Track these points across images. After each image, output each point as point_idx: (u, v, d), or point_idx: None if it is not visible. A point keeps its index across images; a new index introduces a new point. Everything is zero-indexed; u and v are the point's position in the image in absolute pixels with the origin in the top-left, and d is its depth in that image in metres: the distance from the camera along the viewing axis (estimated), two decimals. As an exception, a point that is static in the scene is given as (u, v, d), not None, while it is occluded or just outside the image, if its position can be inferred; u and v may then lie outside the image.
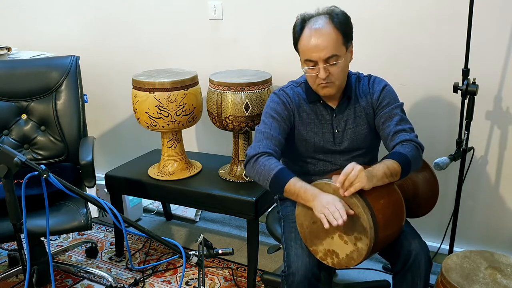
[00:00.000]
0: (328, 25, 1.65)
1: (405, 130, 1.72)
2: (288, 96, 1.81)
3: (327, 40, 1.63)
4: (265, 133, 1.74)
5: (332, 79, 1.69)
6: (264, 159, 1.67)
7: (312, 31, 1.65)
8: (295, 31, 1.72)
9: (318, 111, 1.81)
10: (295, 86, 1.85)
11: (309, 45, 1.65)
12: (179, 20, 2.79)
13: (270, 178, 1.64)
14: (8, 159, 1.32)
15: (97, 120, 3.24)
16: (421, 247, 1.66)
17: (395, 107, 1.77)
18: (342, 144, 1.81)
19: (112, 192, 2.61)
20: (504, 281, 1.64)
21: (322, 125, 1.81)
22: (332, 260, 1.62)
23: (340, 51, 1.66)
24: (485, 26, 2.04)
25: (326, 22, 1.65)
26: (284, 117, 1.78)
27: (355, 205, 1.51)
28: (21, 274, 2.45)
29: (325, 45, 1.63)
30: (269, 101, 1.83)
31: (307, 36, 1.66)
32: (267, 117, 1.78)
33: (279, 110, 1.78)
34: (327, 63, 1.65)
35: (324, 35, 1.64)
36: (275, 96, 1.82)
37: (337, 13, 1.67)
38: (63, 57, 2.56)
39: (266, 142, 1.72)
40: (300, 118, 1.81)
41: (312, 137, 1.81)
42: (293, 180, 1.61)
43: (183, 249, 1.52)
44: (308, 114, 1.81)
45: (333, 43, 1.64)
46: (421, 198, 1.93)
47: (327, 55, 1.64)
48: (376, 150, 1.93)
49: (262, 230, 2.56)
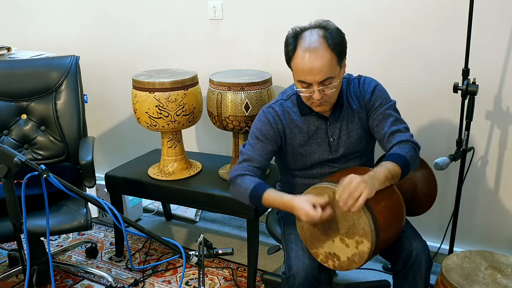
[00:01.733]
0: (322, 46, 1.58)
1: (401, 130, 1.71)
2: (276, 115, 1.77)
3: (321, 63, 1.57)
4: (245, 155, 1.77)
5: (326, 98, 1.66)
6: (239, 180, 1.72)
7: (306, 52, 1.58)
8: (287, 48, 1.65)
9: (312, 122, 1.77)
10: (284, 101, 1.80)
11: (304, 68, 1.60)
12: (179, 20, 2.79)
13: (248, 196, 1.69)
14: (8, 159, 1.32)
15: (97, 120, 3.24)
16: (422, 247, 1.67)
17: (388, 107, 1.74)
18: (338, 151, 1.79)
19: (112, 192, 2.61)
20: (504, 281, 1.64)
21: (316, 136, 1.78)
22: (333, 263, 1.62)
23: (335, 72, 1.61)
24: (485, 26, 2.04)
25: (320, 42, 1.58)
26: (269, 138, 1.76)
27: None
28: (21, 274, 2.45)
29: (320, 68, 1.57)
30: (256, 119, 1.82)
31: (301, 57, 1.60)
32: (252, 137, 1.79)
33: (264, 131, 1.77)
34: (322, 85, 1.61)
35: (318, 58, 1.57)
36: (262, 114, 1.80)
37: (331, 32, 1.60)
38: (63, 57, 2.56)
39: (244, 164, 1.76)
40: (292, 134, 1.78)
41: (307, 150, 1.79)
42: (267, 193, 1.66)
43: (183, 249, 1.52)
44: (301, 128, 1.78)
45: (328, 66, 1.58)
46: (421, 197, 1.93)
47: (322, 78, 1.59)
48: (372, 151, 1.92)
49: (262, 230, 2.56)
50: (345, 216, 1.54)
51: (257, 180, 1.71)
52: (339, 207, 1.52)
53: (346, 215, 1.53)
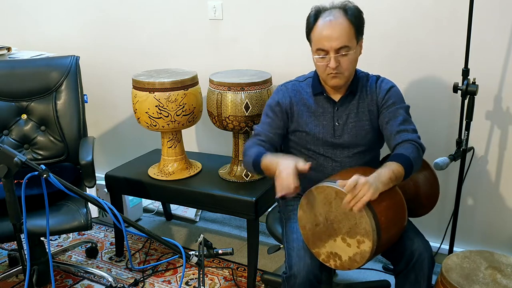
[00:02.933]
0: (342, 17, 1.69)
1: (408, 130, 1.72)
2: (287, 91, 1.88)
3: (340, 30, 1.68)
4: (256, 131, 1.91)
5: (341, 69, 1.72)
6: (247, 151, 1.85)
7: (326, 21, 1.70)
8: (308, 21, 1.75)
9: (320, 104, 1.84)
10: (299, 82, 1.91)
11: (322, 35, 1.69)
12: (179, 20, 2.79)
13: (251, 164, 1.79)
14: (8, 159, 1.32)
15: (97, 120, 3.24)
16: (424, 246, 1.67)
17: (400, 107, 1.78)
18: (341, 137, 1.81)
19: (112, 192, 2.61)
20: (504, 281, 1.64)
21: (323, 117, 1.83)
22: (335, 262, 1.62)
23: (352, 43, 1.70)
24: (485, 26, 2.04)
25: (340, 14, 1.70)
26: (276, 113, 1.87)
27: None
28: (21, 274, 2.45)
29: (338, 35, 1.67)
30: (270, 97, 1.95)
31: (321, 26, 1.70)
32: (264, 114, 1.92)
33: (273, 106, 1.88)
34: (338, 53, 1.69)
35: (337, 26, 1.68)
36: (275, 93, 1.92)
37: (351, 7, 1.72)
38: (63, 57, 2.56)
39: (254, 139, 1.88)
40: (299, 111, 1.85)
41: (312, 129, 1.83)
42: (264, 157, 1.75)
43: (183, 249, 1.52)
44: (309, 107, 1.84)
45: (345, 34, 1.68)
46: (422, 197, 1.93)
47: (339, 45, 1.67)
48: (377, 150, 1.92)
49: (262, 230, 2.56)
50: (346, 216, 1.54)
51: (261, 149, 1.81)
52: (340, 206, 1.52)
53: (348, 214, 1.53)
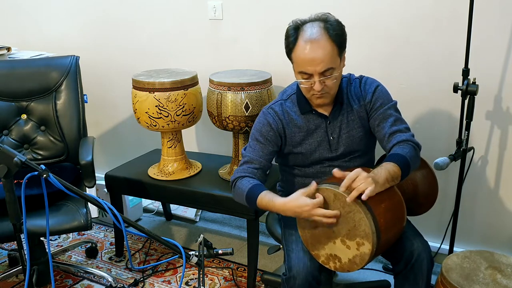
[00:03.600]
0: (324, 37, 1.59)
1: (401, 130, 1.71)
2: (276, 115, 1.78)
3: (323, 53, 1.58)
4: (245, 157, 1.79)
5: (327, 89, 1.66)
6: (238, 182, 1.75)
7: (308, 43, 1.59)
8: (288, 40, 1.65)
9: (312, 121, 1.78)
10: (284, 101, 1.81)
11: (305, 58, 1.60)
12: (179, 20, 2.79)
13: (244, 199, 1.71)
14: (8, 159, 1.31)
15: (97, 120, 3.24)
16: (423, 247, 1.66)
17: (388, 107, 1.75)
18: (338, 150, 1.79)
19: (112, 192, 2.61)
20: (504, 281, 1.64)
21: (316, 134, 1.78)
22: (334, 264, 1.61)
23: (336, 63, 1.62)
24: (485, 26, 2.04)
25: (321, 33, 1.59)
26: (268, 139, 1.78)
27: (357, 211, 1.50)
28: (21, 274, 2.45)
29: (322, 58, 1.58)
30: (256, 121, 1.83)
31: (302, 48, 1.60)
32: (252, 139, 1.81)
33: (264, 132, 1.78)
34: (323, 76, 1.62)
35: (320, 48, 1.58)
36: (262, 116, 1.81)
37: (331, 23, 1.61)
38: (63, 57, 2.56)
39: (244, 167, 1.78)
40: (292, 133, 1.79)
41: (307, 149, 1.79)
42: (261, 195, 1.66)
43: (183, 249, 1.52)
44: (300, 127, 1.78)
45: (329, 57, 1.59)
46: (421, 196, 1.93)
47: (323, 69, 1.60)
48: (372, 151, 1.92)
49: (262, 230, 2.56)
50: (346, 218, 1.54)
51: (254, 182, 1.71)
52: (339, 209, 1.52)
53: (347, 217, 1.53)
